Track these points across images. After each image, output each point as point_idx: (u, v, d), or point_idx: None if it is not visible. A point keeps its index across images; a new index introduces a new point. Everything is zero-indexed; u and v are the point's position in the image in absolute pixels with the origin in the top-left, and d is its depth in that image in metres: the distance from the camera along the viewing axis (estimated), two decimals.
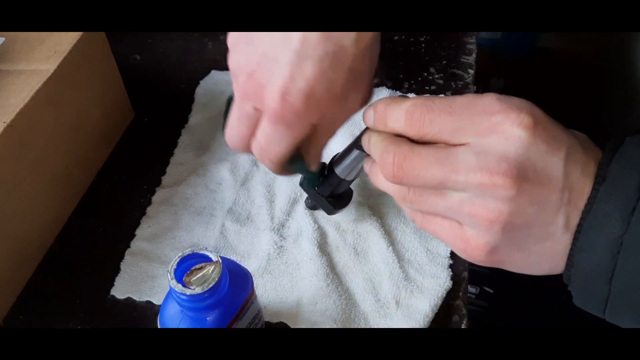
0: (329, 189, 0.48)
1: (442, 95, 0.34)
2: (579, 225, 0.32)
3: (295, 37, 0.36)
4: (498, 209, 0.31)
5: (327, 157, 0.47)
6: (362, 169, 0.44)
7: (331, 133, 0.42)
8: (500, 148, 0.31)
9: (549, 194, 0.31)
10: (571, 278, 0.33)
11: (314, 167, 0.45)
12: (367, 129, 0.39)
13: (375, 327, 0.47)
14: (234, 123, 0.41)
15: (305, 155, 0.43)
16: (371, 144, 0.37)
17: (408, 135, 0.34)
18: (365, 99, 0.41)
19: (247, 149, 0.42)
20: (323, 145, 0.43)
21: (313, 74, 0.36)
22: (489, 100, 0.32)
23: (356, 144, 0.42)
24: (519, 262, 0.34)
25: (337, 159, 0.46)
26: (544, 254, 0.33)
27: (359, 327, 0.47)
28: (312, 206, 0.54)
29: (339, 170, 0.46)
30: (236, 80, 0.39)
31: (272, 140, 0.39)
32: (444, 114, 0.33)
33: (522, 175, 0.31)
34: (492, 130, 0.31)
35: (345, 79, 0.37)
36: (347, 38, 0.37)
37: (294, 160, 0.43)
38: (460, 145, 0.32)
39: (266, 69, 0.37)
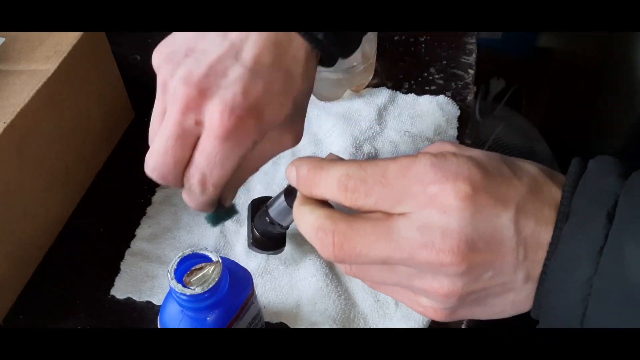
0: (261, 226, 0.47)
1: (377, 159, 0.32)
2: (545, 266, 0.30)
3: (247, 55, 0.35)
4: (451, 284, 0.30)
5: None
6: (291, 220, 0.44)
7: (255, 169, 0.40)
8: (442, 222, 0.29)
9: (503, 257, 0.30)
10: (540, 318, 0.32)
11: (227, 203, 0.42)
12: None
13: (375, 327, 0.47)
14: (167, 146, 0.36)
15: (225, 189, 0.40)
16: (301, 217, 0.34)
17: (341, 204, 0.32)
18: (297, 139, 0.40)
19: (178, 179, 0.37)
20: (243, 180, 0.41)
21: (264, 92, 0.35)
22: (423, 168, 0.30)
23: (284, 195, 0.42)
24: (482, 314, 0.33)
25: (271, 202, 0.45)
26: (506, 304, 0.32)
27: (358, 327, 0.47)
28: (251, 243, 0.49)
29: (273, 213, 0.44)
30: (170, 92, 0.36)
31: (216, 161, 0.36)
32: (377, 185, 0.31)
33: (471, 247, 0.29)
34: (430, 203, 0.30)
35: (291, 108, 0.36)
36: (296, 70, 0.36)
37: None
38: (400, 215, 0.31)
39: (212, 80, 0.35)
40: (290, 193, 0.42)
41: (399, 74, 0.68)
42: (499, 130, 1.10)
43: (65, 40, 0.52)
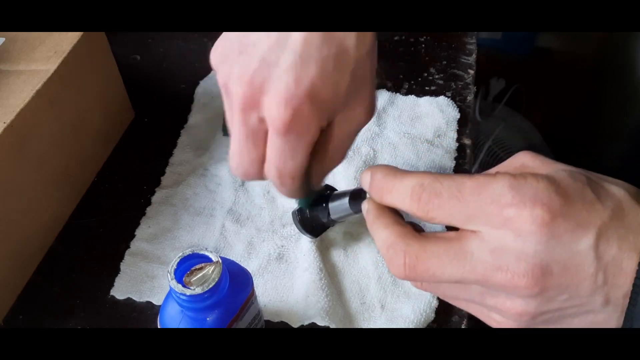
0: (316, 213, 0.47)
1: (450, 175, 0.32)
2: (635, 285, 0.29)
3: (296, 39, 0.34)
4: (525, 304, 0.30)
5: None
6: (347, 217, 0.44)
7: (341, 154, 0.39)
8: (517, 245, 0.29)
9: (579, 282, 0.29)
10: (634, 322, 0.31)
11: (317, 188, 0.42)
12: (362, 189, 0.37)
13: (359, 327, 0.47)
14: (240, 147, 0.37)
15: (311, 174, 0.40)
16: (375, 231, 0.34)
17: (413, 214, 0.32)
18: (370, 110, 0.39)
19: (260, 174, 0.38)
20: (333, 165, 0.40)
21: (317, 75, 0.34)
22: (500, 189, 0.29)
23: (349, 198, 0.42)
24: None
25: (333, 198, 0.45)
26: (584, 324, 0.31)
27: (344, 326, 0.47)
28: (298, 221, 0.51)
29: (332, 211, 0.45)
30: (231, 94, 0.36)
31: (286, 154, 0.36)
32: (452, 199, 0.30)
33: (545, 271, 0.29)
34: (505, 225, 0.29)
35: (349, 82, 0.36)
36: (349, 40, 0.35)
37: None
38: (471, 233, 0.30)
39: (266, 73, 0.34)
40: (355, 197, 0.42)
41: (399, 74, 0.68)
42: (499, 130, 1.10)
43: (65, 40, 0.52)
